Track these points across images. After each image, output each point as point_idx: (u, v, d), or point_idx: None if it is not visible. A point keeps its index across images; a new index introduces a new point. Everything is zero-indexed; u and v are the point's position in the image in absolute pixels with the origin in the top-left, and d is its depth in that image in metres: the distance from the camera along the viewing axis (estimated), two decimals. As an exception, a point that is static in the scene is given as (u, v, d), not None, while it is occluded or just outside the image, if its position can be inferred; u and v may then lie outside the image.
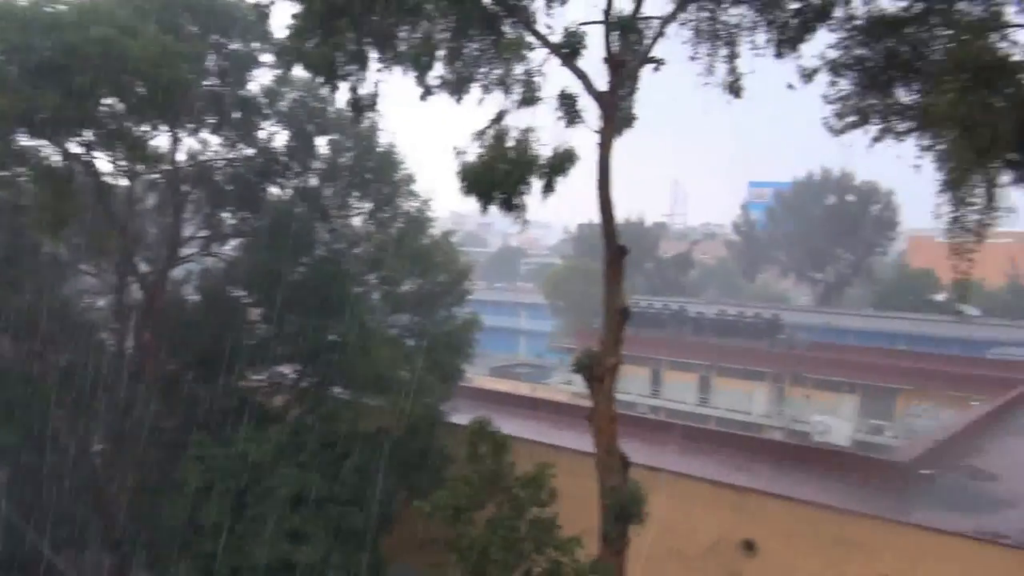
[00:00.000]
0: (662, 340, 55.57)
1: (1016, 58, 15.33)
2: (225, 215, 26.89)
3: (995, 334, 57.80)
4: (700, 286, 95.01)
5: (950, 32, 15.40)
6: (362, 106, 18.47)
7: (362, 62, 17.86)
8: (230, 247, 27.41)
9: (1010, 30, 15.47)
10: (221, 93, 23.75)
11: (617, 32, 17.29)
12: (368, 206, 27.60)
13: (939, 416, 38.80)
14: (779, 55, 17.51)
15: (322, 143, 26.27)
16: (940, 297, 70.39)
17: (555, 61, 17.11)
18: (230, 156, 25.66)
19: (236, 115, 24.30)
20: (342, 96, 18.40)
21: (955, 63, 14.37)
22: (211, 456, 22.65)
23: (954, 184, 14.35)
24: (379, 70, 17.87)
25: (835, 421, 45.41)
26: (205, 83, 23.36)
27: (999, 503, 21.43)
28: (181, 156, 25.29)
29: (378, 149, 26.73)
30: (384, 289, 26.93)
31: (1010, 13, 15.42)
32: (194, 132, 24.90)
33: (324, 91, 22.30)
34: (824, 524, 20.71)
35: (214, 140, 25.36)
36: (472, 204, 16.76)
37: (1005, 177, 15.46)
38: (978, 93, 14.14)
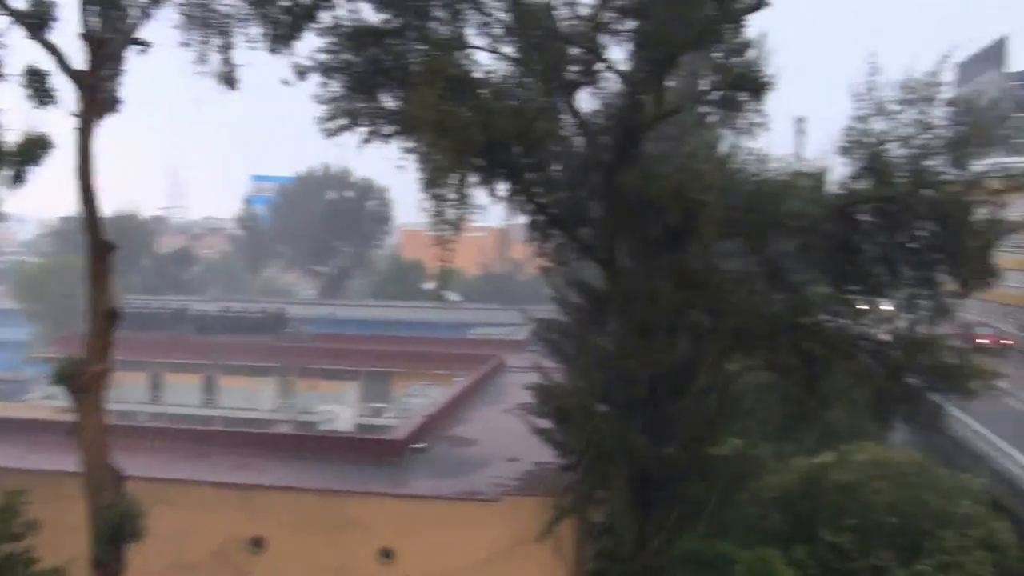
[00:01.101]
0: (162, 341, 52.50)
1: (478, 75, 17.66)
2: None
3: (473, 316, 65.86)
4: (203, 282, 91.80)
5: (425, 47, 17.08)
6: None
7: None
8: None
9: (472, 50, 17.77)
10: None
11: (97, 7, 15.91)
12: None
13: (429, 394, 42.90)
14: (274, 50, 17.69)
15: None
16: (429, 285, 78.02)
17: (22, 32, 15.16)
18: None
19: None
20: None
21: (429, 74, 15.97)
22: None
23: (432, 183, 16.00)
24: None
25: (340, 408, 47.41)
26: None
27: (476, 465, 24.49)
28: None
29: None
30: None
31: (472, 35, 17.70)
32: None
33: None
34: (328, 509, 21.56)
35: None
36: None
37: (475, 179, 17.75)
38: (450, 103, 15.94)
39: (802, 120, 57.08)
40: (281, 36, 17.50)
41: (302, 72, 17.98)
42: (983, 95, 30.24)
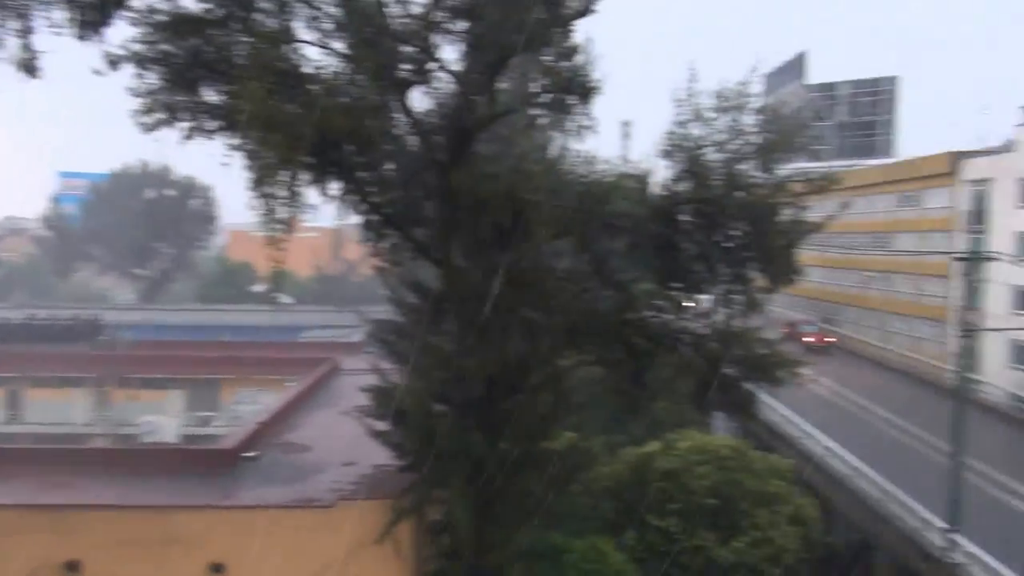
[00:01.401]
0: (-45, 353, 47.70)
1: (307, 70, 17.20)
2: None
3: (306, 319, 64.18)
4: (5, 288, 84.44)
5: (250, 39, 16.42)
6: None
7: None
8: None
9: (301, 45, 17.28)
10: None
11: None
12: None
13: (260, 400, 41.39)
14: (82, 37, 16.42)
15: None
16: (259, 288, 75.34)
17: None
18: None
19: None
20: None
21: (256, 68, 15.37)
22: None
23: (261, 181, 15.41)
24: None
25: (163, 419, 44.73)
26: None
27: (311, 471, 23.86)
28: None
29: None
30: None
31: (301, 29, 17.21)
32: None
33: None
34: (151, 526, 20.39)
35: None
36: None
37: (306, 177, 17.26)
38: (278, 98, 15.42)
39: (628, 124, 59.84)
40: (89, 22, 16.25)
41: (114, 62, 16.82)
42: (787, 105, 32.69)
